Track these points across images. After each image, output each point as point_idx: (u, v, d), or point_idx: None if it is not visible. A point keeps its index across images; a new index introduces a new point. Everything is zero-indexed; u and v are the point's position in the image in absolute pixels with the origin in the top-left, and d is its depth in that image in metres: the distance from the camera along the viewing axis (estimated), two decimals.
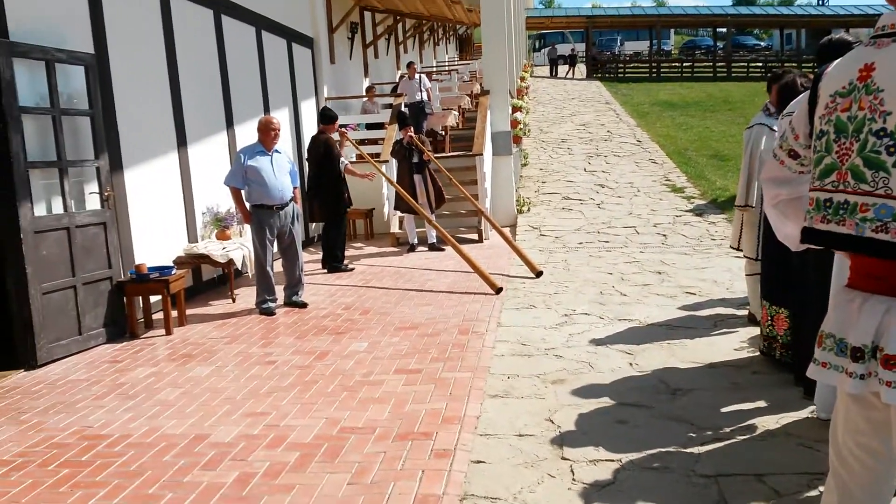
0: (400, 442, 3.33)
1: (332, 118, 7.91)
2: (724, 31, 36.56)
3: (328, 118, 7.91)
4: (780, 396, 3.79)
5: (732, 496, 2.80)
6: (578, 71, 33.64)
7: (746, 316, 5.25)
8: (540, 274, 7.15)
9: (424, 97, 12.57)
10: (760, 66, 32.26)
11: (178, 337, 5.47)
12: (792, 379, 3.92)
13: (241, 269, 6.68)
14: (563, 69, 33.73)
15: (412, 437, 3.38)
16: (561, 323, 5.48)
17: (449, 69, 21.53)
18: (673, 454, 3.19)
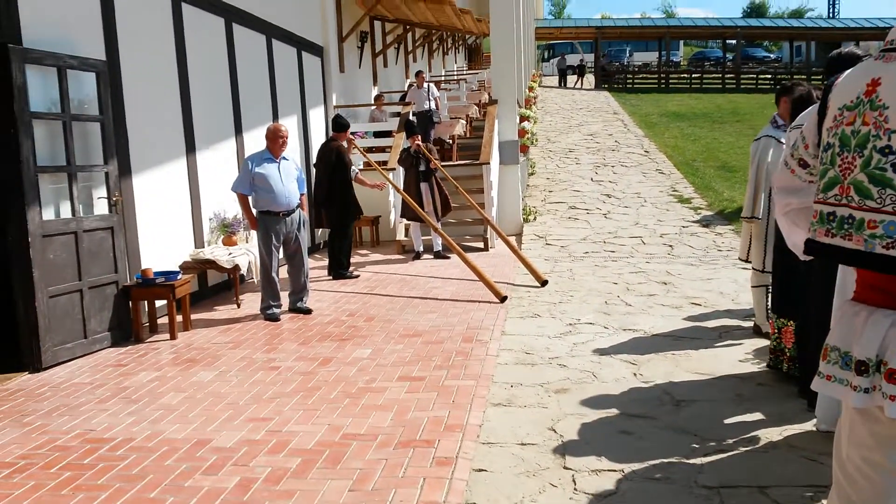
0: (402, 449, 3.32)
1: (344, 126, 7.90)
2: (733, 42, 36.56)
3: (340, 126, 7.90)
4: (783, 409, 3.76)
5: None
6: (587, 81, 33.70)
7: (752, 328, 5.23)
8: (545, 283, 7.14)
9: (433, 106, 12.61)
10: (770, 78, 32.28)
11: (182, 342, 5.49)
12: (796, 391, 3.90)
13: (246, 275, 6.71)
14: (571, 79, 33.81)
15: (414, 444, 3.38)
16: (565, 332, 5.47)
17: (457, 78, 21.60)
18: (676, 465, 3.18)
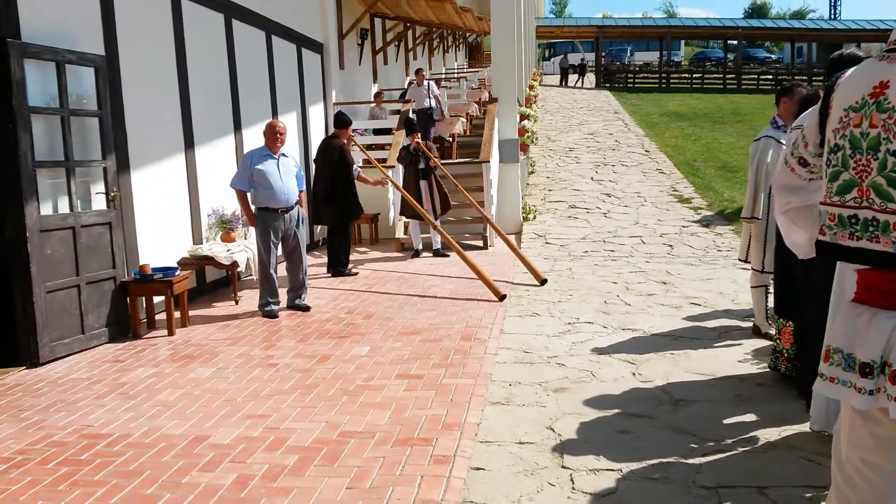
0: (399, 447, 3.31)
1: (346, 122, 7.84)
2: (734, 43, 36.55)
3: (342, 122, 7.84)
4: (783, 409, 3.76)
5: None
6: (588, 80, 33.68)
7: (751, 328, 5.23)
8: (544, 282, 7.13)
9: (433, 104, 12.60)
10: (771, 78, 32.24)
11: (180, 338, 5.47)
12: (795, 392, 3.89)
13: (244, 271, 6.69)
14: (572, 78, 33.79)
15: (412, 442, 3.37)
16: (564, 331, 5.46)
17: (458, 76, 21.56)
18: (674, 465, 3.17)
